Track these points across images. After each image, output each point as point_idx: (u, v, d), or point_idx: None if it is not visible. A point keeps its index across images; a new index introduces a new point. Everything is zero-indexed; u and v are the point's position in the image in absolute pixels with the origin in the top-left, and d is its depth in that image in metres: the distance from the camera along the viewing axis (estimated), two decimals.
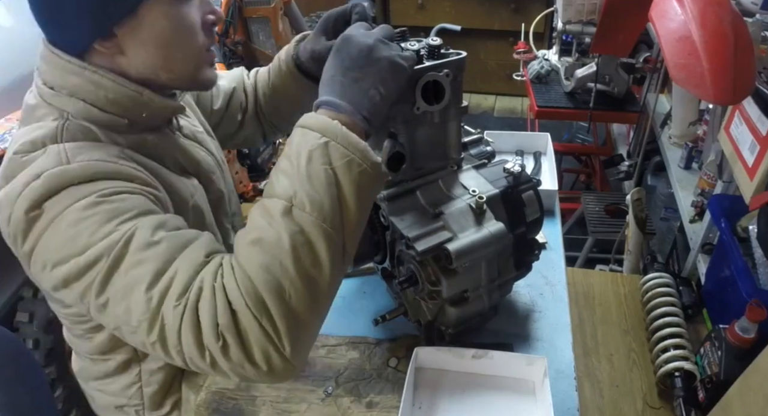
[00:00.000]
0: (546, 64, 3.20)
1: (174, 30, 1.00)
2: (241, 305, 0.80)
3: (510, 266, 1.20)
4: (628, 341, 2.12)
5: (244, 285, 0.81)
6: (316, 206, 0.83)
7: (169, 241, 0.88)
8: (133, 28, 0.97)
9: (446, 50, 1.07)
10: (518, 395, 1.16)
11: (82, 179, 0.91)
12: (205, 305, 0.82)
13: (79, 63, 0.99)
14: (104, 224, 0.87)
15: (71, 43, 0.99)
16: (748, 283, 1.78)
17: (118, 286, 0.85)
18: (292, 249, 0.81)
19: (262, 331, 0.80)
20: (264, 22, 3.55)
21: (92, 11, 0.93)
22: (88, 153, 0.95)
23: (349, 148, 0.85)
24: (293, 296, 0.81)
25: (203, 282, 0.84)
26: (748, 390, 1.46)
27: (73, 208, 0.88)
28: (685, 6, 1.52)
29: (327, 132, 0.85)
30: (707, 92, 1.48)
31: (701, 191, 2.32)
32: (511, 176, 1.18)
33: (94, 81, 0.99)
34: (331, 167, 0.84)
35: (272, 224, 0.83)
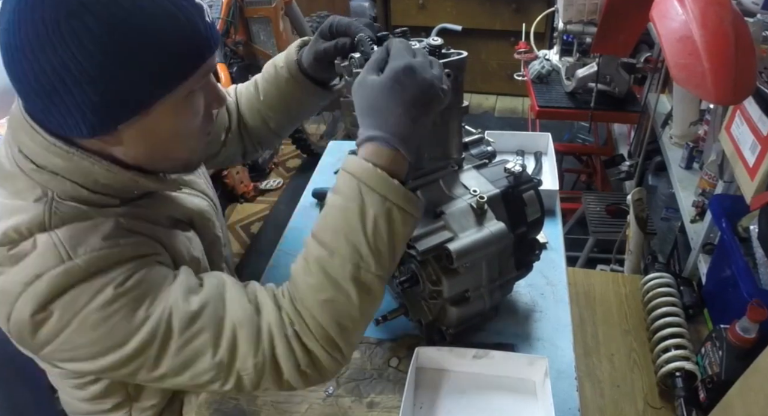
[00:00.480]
0: (547, 64, 3.20)
1: (180, 125, 0.94)
2: (317, 347, 0.92)
3: (511, 266, 1.20)
4: (629, 341, 2.12)
5: (320, 334, 0.92)
6: (380, 265, 0.91)
7: (209, 304, 0.92)
8: (139, 125, 0.89)
9: (447, 50, 1.07)
10: (519, 395, 1.16)
11: (89, 274, 0.87)
12: (282, 353, 0.92)
13: (67, 148, 0.89)
14: (135, 312, 0.88)
15: (62, 130, 0.87)
16: (749, 283, 1.78)
17: (176, 362, 0.90)
18: (359, 303, 0.91)
19: (332, 359, 0.94)
20: (265, 22, 3.55)
21: (98, 111, 0.83)
22: (86, 243, 0.88)
23: (408, 209, 0.91)
24: (356, 331, 0.95)
25: (272, 333, 0.92)
26: (749, 390, 1.46)
27: (93, 307, 0.86)
28: (686, 6, 1.52)
29: (390, 194, 0.89)
30: (708, 92, 1.48)
31: (702, 191, 2.32)
32: (512, 175, 1.18)
33: (83, 167, 0.91)
34: (393, 231, 0.91)
35: (342, 287, 0.90)
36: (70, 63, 0.78)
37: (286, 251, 1.55)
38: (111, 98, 0.82)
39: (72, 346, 0.88)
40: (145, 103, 0.86)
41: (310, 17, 3.88)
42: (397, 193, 0.89)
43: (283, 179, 4.07)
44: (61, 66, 0.79)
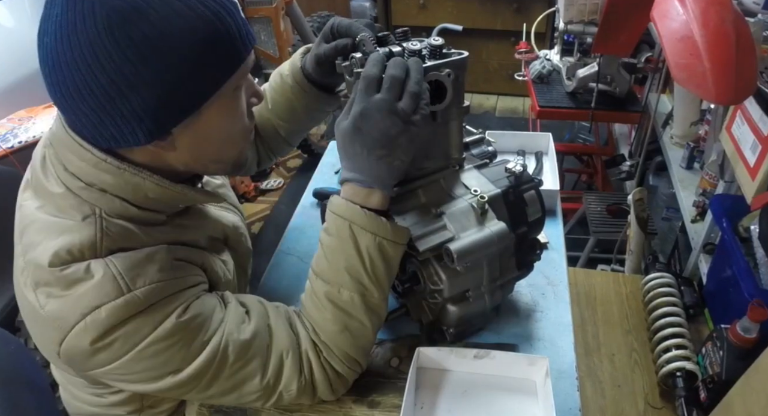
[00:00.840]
0: (547, 64, 3.20)
1: (229, 123, 0.96)
2: (345, 369, 1.07)
3: (512, 265, 1.20)
4: (630, 341, 2.12)
5: (345, 357, 1.06)
6: (379, 290, 1.03)
7: (259, 334, 1.01)
8: (192, 126, 0.90)
9: (448, 50, 1.07)
10: (520, 395, 1.16)
11: (147, 305, 0.89)
12: (319, 377, 1.05)
13: (117, 164, 0.90)
14: (192, 342, 0.94)
15: (117, 142, 0.87)
16: (749, 283, 1.78)
17: (227, 385, 0.99)
18: (371, 326, 1.06)
19: (355, 373, 1.11)
20: (266, 22, 3.55)
21: (154, 113, 0.83)
22: (144, 275, 0.90)
23: (397, 240, 1.01)
24: (370, 345, 1.10)
25: (310, 360, 1.05)
26: (750, 390, 1.46)
27: (153, 338, 0.90)
28: (687, 6, 1.52)
29: (379, 231, 0.98)
30: (709, 92, 1.48)
31: (703, 191, 2.32)
32: (512, 175, 1.18)
33: (134, 183, 0.92)
34: (389, 263, 1.02)
35: (354, 316, 1.03)
36: (126, 69, 0.79)
37: (287, 251, 1.55)
38: (167, 100, 0.83)
39: (128, 371, 0.92)
40: (197, 103, 0.88)
41: (310, 17, 3.88)
42: (385, 229, 0.98)
43: (283, 179, 4.07)
44: (117, 73, 0.79)
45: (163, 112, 0.84)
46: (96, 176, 0.90)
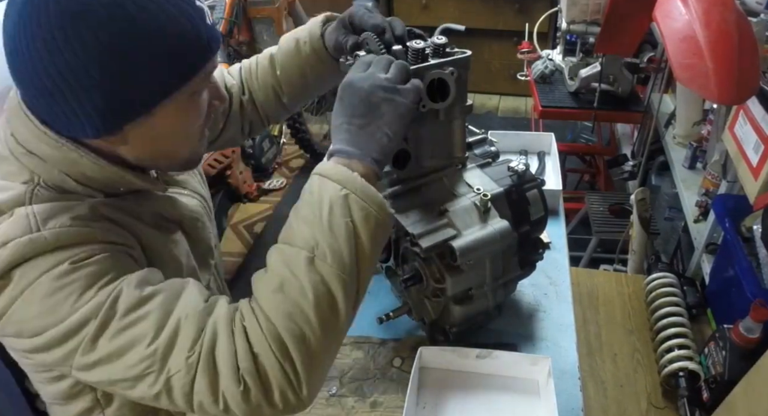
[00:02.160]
0: (550, 64, 3.20)
1: (184, 125, 0.96)
2: (265, 349, 0.83)
3: (514, 264, 1.20)
4: (633, 341, 2.12)
5: (269, 330, 0.83)
6: (336, 258, 0.86)
7: (161, 294, 0.88)
8: (143, 125, 0.90)
9: (451, 49, 1.07)
10: (522, 395, 1.16)
11: (52, 247, 0.86)
12: (223, 350, 0.84)
13: (56, 138, 0.90)
14: (85, 291, 0.85)
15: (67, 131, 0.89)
16: (752, 283, 1.78)
17: (112, 346, 0.85)
18: (314, 298, 0.84)
19: (283, 374, 0.83)
20: (268, 23, 3.55)
21: (104, 113, 0.85)
22: (58, 218, 0.88)
23: (367, 201, 0.88)
24: (313, 342, 0.84)
25: (217, 327, 0.85)
26: (753, 390, 1.46)
27: (47, 277, 0.85)
28: (690, 6, 1.52)
29: (347, 184, 0.88)
30: (711, 92, 1.48)
31: (705, 191, 2.32)
32: (515, 174, 1.18)
33: (71, 158, 0.91)
34: (351, 220, 0.87)
35: (295, 274, 0.85)
36: (75, 67, 0.80)
37: None
38: (116, 101, 0.84)
39: (19, 318, 0.87)
40: (150, 104, 0.88)
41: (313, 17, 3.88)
42: (354, 183, 0.88)
43: (286, 179, 4.07)
44: (67, 70, 0.80)
45: (113, 112, 0.85)
46: (36, 146, 0.91)
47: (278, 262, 0.88)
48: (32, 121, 0.90)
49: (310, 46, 1.25)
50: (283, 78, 1.32)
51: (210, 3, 3.33)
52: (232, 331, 0.85)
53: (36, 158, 0.92)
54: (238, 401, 0.83)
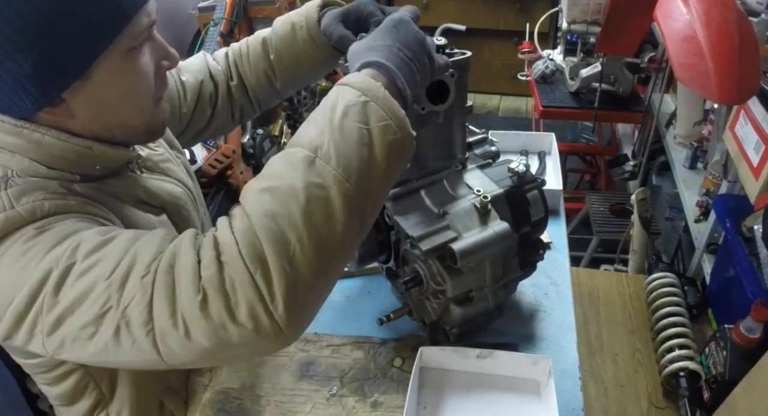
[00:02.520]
0: (551, 64, 3.20)
1: (128, 88, 0.92)
2: (234, 254, 0.72)
3: (515, 265, 1.20)
4: (633, 341, 2.12)
5: (242, 233, 0.73)
6: (342, 162, 0.76)
7: (123, 235, 0.82)
8: (84, 91, 0.87)
9: (451, 50, 1.07)
10: (523, 395, 1.16)
11: (27, 221, 0.84)
12: (183, 261, 0.74)
13: (14, 122, 0.88)
14: (49, 250, 0.81)
15: (10, 110, 0.87)
16: (753, 283, 1.78)
17: (73, 293, 0.78)
18: (306, 201, 0.74)
19: (252, 284, 0.71)
20: (269, 23, 3.53)
21: (36, 79, 0.82)
22: (31, 194, 0.87)
23: (388, 112, 0.80)
24: (297, 251, 0.72)
25: (179, 246, 0.77)
26: (753, 390, 1.46)
27: (15, 246, 0.82)
28: (690, 6, 1.52)
29: (369, 92, 0.81)
30: (712, 92, 1.48)
31: (706, 191, 2.32)
32: (515, 175, 1.18)
33: (34, 140, 0.89)
34: (366, 127, 0.79)
35: (289, 172, 0.76)
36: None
37: None
38: (45, 65, 0.82)
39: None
40: (81, 66, 0.85)
41: None
42: (376, 92, 0.81)
43: None
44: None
45: (44, 77, 0.83)
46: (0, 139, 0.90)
47: (274, 161, 0.79)
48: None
49: (307, 32, 1.23)
50: (276, 62, 1.30)
51: (210, 3, 3.33)
52: (198, 243, 0.76)
53: (4, 152, 0.90)
54: (197, 316, 0.72)
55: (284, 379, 1.22)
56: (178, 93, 1.29)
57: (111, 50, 0.86)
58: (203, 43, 3.12)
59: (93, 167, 0.97)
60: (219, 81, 1.34)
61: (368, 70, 0.85)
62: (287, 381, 1.21)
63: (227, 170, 3.45)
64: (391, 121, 0.80)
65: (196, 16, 3.40)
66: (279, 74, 1.32)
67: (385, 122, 0.80)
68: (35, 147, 0.90)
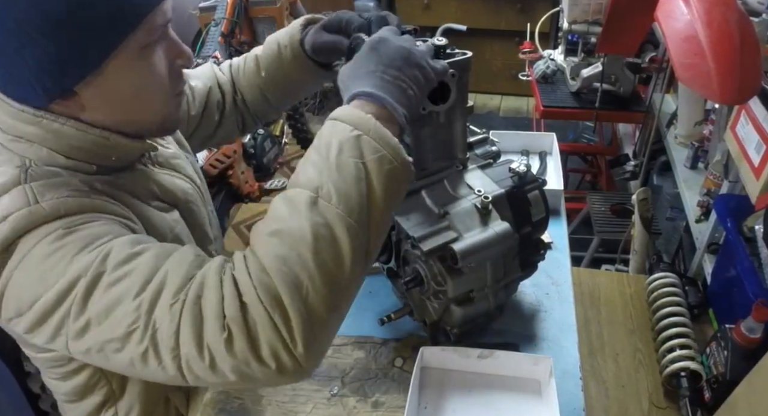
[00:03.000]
0: (552, 64, 3.20)
1: (141, 85, 0.94)
2: (253, 297, 0.76)
3: (515, 266, 1.20)
4: (634, 341, 2.12)
5: (258, 277, 0.76)
6: (342, 199, 0.79)
7: (152, 250, 0.85)
8: (96, 85, 0.89)
9: (452, 50, 1.07)
10: (524, 395, 1.16)
11: (51, 217, 0.86)
12: (209, 296, 0.78)
13: (34, 112, 0.91)
14: (77, 253, 0.83)
15: (24, 99, 0.90)
16: (754, 283, 1.78)
17: (101, 305, 0.81)
18: (313, 241, 0.77)
19: (273, 326, 0.75)
20: (270, 23, 3.55)
21: (50, 70, 0.85)
22: (55, 190, 0.89)
23: (381, 143, 0.82)
24: (311, 291, 0.76)
25: (205, 277, 0.80)
26: (754, 390, 1.46)
27: (42, 243, 0.84)
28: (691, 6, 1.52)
29: (360, 125, 0.83)
30: (713, 92, 1.48)
31: (707, 191, 2.32)
32: (516, 176, 1.18)
33: (53, 130, 0.92)
34: (362, 161, 0.81)
35: (294, 215, 0.79)
36: (12, 27, 0.81)
37: None
38: (60, 60, 0.84)
39: (17, 291, 0.85)
40: (95, 61, 0.87)
41: None
42: (367, 124, 0.83)
43: (288, 179, 4.07)
44: (4, 31, 0.81)
45: (60, 71, 0.85)
46: (19, 128, 0.92)
47: (279, 205, 0.82)
48: (7, 103, 0.91)
49: (290, 51, 1.26)
50: (267, 79, 1.33)
51: (212, 3, 3.34)
52: (221, 279, 0.79)
53: (22, 142, 0.93)
54: (222, 352, 0.76)
55: None
56: (187, 97, 1.32)
57: (124, 47, 0.88)
58: (204, 43, 3.13)
59: (109, 158, 0.99)
60: (226, 91, 1.38)
61: (356, 101, 0.87)
62: None
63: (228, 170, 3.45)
64: (385, 151, 0.82)
65: (197, 16, 3.41)
66: (271, 91, 1.36)
67: (379, 153, 0.82)
68: (54, 137, 0.93)
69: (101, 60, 0.87)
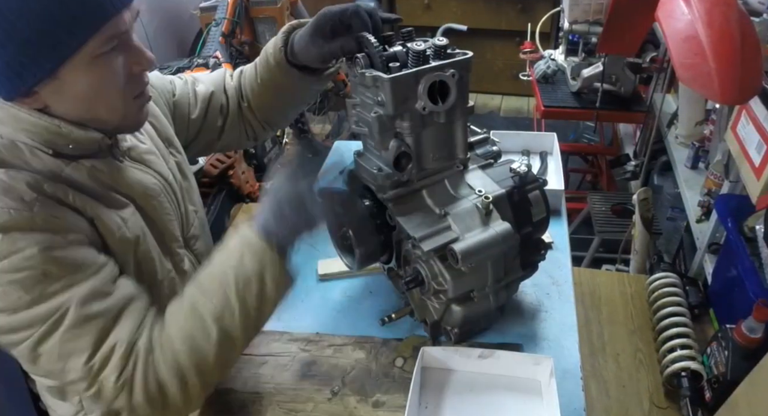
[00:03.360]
0: (552, 64, 3.20)
1: (96, 87, 0.98)
2: (170, 380, 0.97)
3: (516, 266, 1.20)
4: (635, 341, 2.12)
5: (173, 368, 0.97)
6: (243, 316, 1.00)
7: (103, 315, 0.97)
8: (54, 87, 0.94)
9: (452, 50, 1.07)
10: (525, 395, 1.16)
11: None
12: (139, 381, 0.96)
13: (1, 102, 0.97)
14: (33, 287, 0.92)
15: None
16: (754, 283, 1.78)
17: (54, 351, 0.94)
18: (217, 348, 0.99)
19: (182, 397, 0.99)
20: (271, 23, 3.55)
21: (8, 76, 0.91)
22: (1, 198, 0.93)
23: (281, 278, 1.03)
24: (210, 374, 1.01)
25: (137, 358, 0.96)
26: (755, 390, 1.46)
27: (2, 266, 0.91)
28: (692, 6, 1.52)
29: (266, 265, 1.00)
30: (714, 92, 1.48)
31: (708, 191, 2.32)
32: (517, 176, 1.18)
33: (12, 114, 0.97)
34: (263, 294, 1.01)
35: (204, 328, 0.98)
36: None
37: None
38: (16, 64, 0.89)
39: None
40: (49, 67, 0.91)
41: None
42: (274, 264, 1.01)
43: None
44: None
45: (15, 76, 0.90)
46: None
47: (192, 309, 1.00)
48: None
49: (274, 59, 1.27)
50: (263, 88, 1.35)
51: (212, 3, 3.34)
52: (147, 362, 0.97)
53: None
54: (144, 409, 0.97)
55: (286, 379, 1.22)
56: (189, 100, 1.36)
57: (79, 55, 0.92)
58: (205, 44, 3.13)
59: (66, 146, 1.02)
60: (230, 96, 1.39)
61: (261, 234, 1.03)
62: (289, 380, 1.22)
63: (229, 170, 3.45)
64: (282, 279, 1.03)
65: (198, 16, 3.41)
66: (269, 98, 1.37)
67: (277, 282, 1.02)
68: (13, 120, 0.98)
69: (56, 67, 0.92)
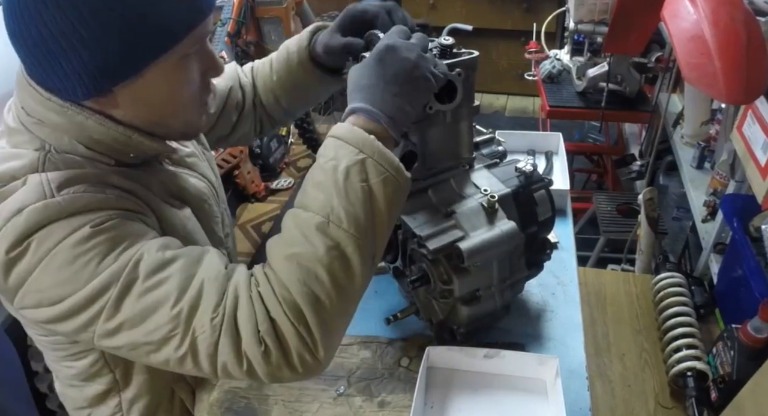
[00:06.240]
0: (558, 63, 3.19)
1: (174, 91, 0.96)
2: (280, 314, 0.84)
3: (522, 265, 1.20)
4: (640, 341, 2.11)
5: (283, 296, 0.85)
6: (352, 222, 0.86)
7: (183, 257, 0.90)
8: (133, 88, 0.91)
9: (458, 50, 1.07)
10: (530, 394, 1.16)
11: (67, 213, 0.87)
12: (243, 314, 0.85)
13: (61, 102, 0.92)
14: (105, 256, 0.87)
15: (62, 94, 0.92)
16: (760, 283, 1.78)
17: (136, 309, 0.86)
18: (328, 264, 0.85)
19: (299, 337, 0.85)
20: (276, 23, 3.56)
21: (93, 74, 0.87)
22: (72, 184, 0.90)
23: (385, 165, 0.89)
24: (328, 305, 0.86)
25: (238, 292, 0.87)
26: (761, 390, 1.46)
27: (66, 244, 0.86)
28: (698, 5, 1.52)
29: (365, 148, 0.88)
30: (719, 92, 1.48)
31: (713, 191, 2.31)
32: (522, 175, 1.18)
33: (77, 122, 0.93)
34: (367, 184, 0.87)
35: (309, 239, 0.86)
36: (63, 26, 0.82)
37: None
38: (104, 61, 0.86)
39: (39, 287, 0.87)
40: (138, 65, 0.89)
41: (321, 17, 3.89)
42: (371, 147, 0.88)
43: (294, 178, 4.07)
44: (55, 28, 0.83)
45: (102, 72, 0.87)
46: (44, 114, 0.93)
47: (292, 227, 0.89)
48: (37, 90, 0.93)
49: (297, 57, 1.27)
50: (278, 84, 1.35)
51: (218, 3, 3.34)
52: (251, 296, 0.86)
53: (45, 127, 0.95)
54: (259, 361, 0.85)
55: None
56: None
57: (169, 55, 0.90)
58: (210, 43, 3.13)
59: (127, 155, 1.01)
60: (247, 92, 1.40)
61: (354, 118, 0.93)
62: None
63: (234, 170, 3.46)
64: (388, 172, 0.89)
65: None
66: (282, 95, 1.37)
67: (384, 175, 0.89)
68: (77, 128, 0.94)
69: (144, 66, 0.89)
